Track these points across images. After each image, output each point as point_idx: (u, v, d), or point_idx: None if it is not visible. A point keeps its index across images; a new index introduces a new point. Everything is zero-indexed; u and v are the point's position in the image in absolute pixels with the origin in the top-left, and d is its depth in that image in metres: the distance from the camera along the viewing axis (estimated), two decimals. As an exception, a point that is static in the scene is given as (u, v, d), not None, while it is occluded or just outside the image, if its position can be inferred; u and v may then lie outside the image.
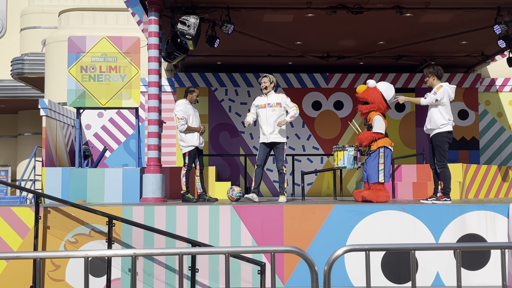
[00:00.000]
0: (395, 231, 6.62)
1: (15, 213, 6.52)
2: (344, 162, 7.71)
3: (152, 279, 6.46)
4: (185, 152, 8.14)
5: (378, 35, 10.35)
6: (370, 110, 7.64)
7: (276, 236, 6.59)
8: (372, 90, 7.63)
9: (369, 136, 7.59)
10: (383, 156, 7.54)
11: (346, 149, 7.72)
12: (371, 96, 7.59)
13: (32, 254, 3.08)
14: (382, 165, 7.53)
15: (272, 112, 7.78)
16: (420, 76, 12.59)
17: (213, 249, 3.35)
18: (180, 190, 8.24)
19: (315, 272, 3.14)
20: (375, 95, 7.59)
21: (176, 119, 8.06)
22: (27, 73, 14.94)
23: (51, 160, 10.01)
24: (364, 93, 7.68)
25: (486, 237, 6.65)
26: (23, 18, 16.77)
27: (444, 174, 7.27)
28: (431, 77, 7.34)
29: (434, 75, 7.33)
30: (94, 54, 8.49)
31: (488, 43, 10.54)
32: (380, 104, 7.58)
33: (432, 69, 7.35)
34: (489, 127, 12.85)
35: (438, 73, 7.35)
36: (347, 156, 7.69)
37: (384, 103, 7.61)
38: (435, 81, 7.34)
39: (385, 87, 7.66)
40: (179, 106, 8.14)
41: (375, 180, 7.52)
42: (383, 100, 7.60)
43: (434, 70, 7.34)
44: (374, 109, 7.61)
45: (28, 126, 17.99)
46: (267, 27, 9.76)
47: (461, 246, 3.21)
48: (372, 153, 7.60)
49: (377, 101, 7.56)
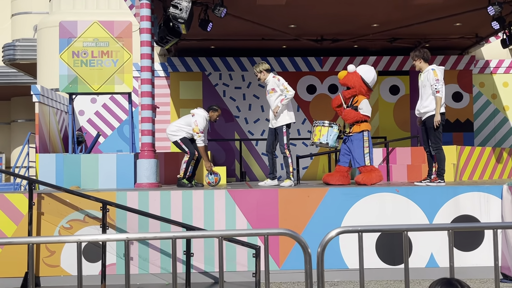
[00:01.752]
0: (389, 213, 6.65)
1: (9, 200, 6.50)
2: (327, 138, 7.53)
3: (148, 264, 6.48)
4: (177, 141, 8.14)
5: (372, 17, 10.29)
6: (352, 94, 7.65)
7: (271, 220, 6.61)
8: (352, 75, 7.64)
9: (355, 116, 7.54)
10: (367, 139, 7.57)
11: (331, 126, 7.60)
12: (351, 80, 7.61)
13: (25, 240, 3.07)
14: (367, 149, 7.57)
15: (270, 98, 7.84)
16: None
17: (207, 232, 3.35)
18: (176, 175, 8.24)
19: (309, 254, 3.15)
20: (355, 79, 7.60)
21: (196, 130, 8.01)
22: (19, 59, 14.80)
23: (44, 146, 9.96)
24: (344, 78, 7.71)
25: (480, 218, 6.69)
26: (14, 3, 16.57)
27: (438, 156, 7.28)
28: (418, 60, 7.35)
29: (420, 58, 7.33)
30: (86, 39, 8.41)
31: (482, 24, 10.50)
32: (360, 88, 7.60)
33: (418, 53, 7.35)
34: (483, 109, 12.86)
35: (425, 56, 7.34)
36: (331, 133, 7.56)
37: (364, 86, 7.62)
38: (422, 64, 7.34)
39: (364, 70, 7.67)
40: (202, 119, 8.09)
41: (361, 164, 7.53)
42: (363, 83, 7.61)
43: (420, 53, 7.33)
44: (356, 93, 7.62)
45: (21, 113, 17.89)
46: (260, 10, 9.68)
47: (453, 226, 3.22)
48: (353, 135, 7.57)
49: (357, 85, 7.59)
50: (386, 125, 12.50)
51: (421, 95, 7.32)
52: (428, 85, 7.18)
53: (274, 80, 7.83)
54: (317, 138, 7.61)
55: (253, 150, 12.30)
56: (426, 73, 7.26)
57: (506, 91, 12.87)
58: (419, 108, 7.34)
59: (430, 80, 7.15)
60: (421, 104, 7.31)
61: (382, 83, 12.58)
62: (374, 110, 12.48)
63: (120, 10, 12.92)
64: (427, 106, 7.22)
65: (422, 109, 7.28)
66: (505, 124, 12.85)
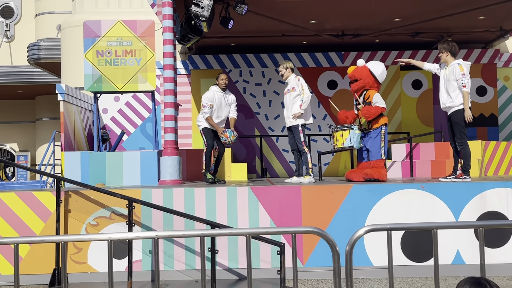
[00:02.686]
0: (414, 210, 6.60)
1: (37, 198, 6.61)
2: (350, 141, 7.56)
3: (173, 260, 6.54)
4: (200, 131, 8.28)
5: (393, 12, 10.19)
6: (359, 86, 7.68)
7: (295, 217, 6.61)
8: (360, 68, 7.74)
9: (375, 110, 7.51)
10: (384, 133, 7.61)
11: (352, 128, 7.59)
12: (358, 73, 7.70)
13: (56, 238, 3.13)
14: (383, 142, 7.60)
15: (289, 97, 7.91)
16: (437, 52, 12.38)
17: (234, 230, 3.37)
18: (201, 170, 8.34)
19: (337, 253, 3.15)
20: (363, 71, 7.68)
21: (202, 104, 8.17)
22: (43, 59, 15.02)
23: (69, 144, 10.11)
24: (353, 72, 7.80)
25: (506, 214, 6.61)
26: (37, 3, 16.81)
27: (464, 152, 7.21)
28: (445, 53, 7.25)
29: (448, 51, 7.24)
30: (110, 38, 8.50)
31: (506, 17, 10.34)
32: (367, 78, 7.63)
33: (446, 45, 7.25)
34: (508, 103, 12.67)
35: (453, 50, 7.24)
36: (354, 135, 7.56)
37: (371, 77, 7.65)
38: (449, 57, 7.24)
39: (373, 64, 7.77)
40: (208, 93, 8.22)
41: (378, 157, 7.54)
42: (370, 75, 7.65)
43: (448, 46, 7.24)
44: (363, 84, 7.65)
45: (46, 111, 18.17)
46: (281, 7, 9.67)
47: (483, 224, 3.19)
48: (373, 131, 7.59)
49: (364, 75, 7.64)
50: (409, 120, 12.39)
51: (446, 89, 7.23)
52: (453, 79, 7.09)
53: (296, 80, 7.89)
54: (341, 143, 7.63)
55: (274, 146, 12.30)
56: (451, 67, 7.17)
57: (531, 85, 12.66)
58: (445, 102, 7.24)
59: (456, 74, 7.06)
60: (447, 99, 7.22)
61: (404, 78, 12.47)
62: (396, 105, 12.40)
63: (142, 8, 13.02)
64: (453, 101, 7.14)
65: (448, 103, 7.18)
66: (531, 118, 12.65)
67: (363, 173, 7.53)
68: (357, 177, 7.60)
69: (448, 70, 7.21)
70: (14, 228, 6.55)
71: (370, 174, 7.45)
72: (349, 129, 7.58)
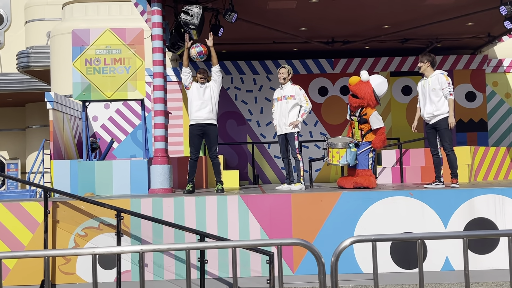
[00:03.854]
0: (403, 217, 6.62)
1: (25, 208, 6.57)
2: (346, 159, 7.56)
3: (162, 270, 6.52)
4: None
5: (383, 19, 10.25)
6: (360, 105, 7.61)
7: (285, 225, 6.61)
8: (364, 85, 7.59)
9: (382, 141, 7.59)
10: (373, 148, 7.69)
11: (349, 147, 7.57)
12: (362, 91, 7.56)
13: (40, 253, 3.11)
14: (372, 153, 7.64)
15: (286, 104, 7.80)
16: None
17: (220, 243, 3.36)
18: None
19: (322, 264, 3.15)
20: (367, 91, 7.55)
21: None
22: (32, 66, 14.95)
23: (59, 153, 10.06)
24: (356, 86, 7.63)
25: (495, 221, 6.64)
26: (27, 10, 16.76)
27: (453, 158, 7.32)
28: (426, 64, 7.41)
29: (429, 62, 7.42)
30: (98, 47, 8.48)
31: (494, 23, 10.42)
32: (370, 101, 7.57)
33: (428, 57, 7.44)
34: (497, 108, 12.75)
35: (433, 61, 7.46)
36: (350, 153, 7.55)
37: (374, 99, 7.60)
38: (429, 68, 7.42)
39: (377, 83, 7.62)
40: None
41: (365, 167, 7.57)
42: (373, 97, 7.58)
43: (430, 58, 7.44)
44: (363, 104, 7.59)
45: (36, 119, 18.08)
46: (271, 14, 9.69)
47: (468, 234, 3.20)
48: (364, 143, 7.66)
49: (368, 98, 7.55)
50: (399, 126, 12.44)
51: (430, 99, 7.32)
52: (439, 88, 7.25)
53: (295, 88, 7.83)
54: (336, 160, 7.58)
55: (266, 153, 12.31)
56: (434, 77, 7.33)
57: (520, 90, 12.76)
58: (433, 112, 7.30)
59: (442, 83, 7.25)
60: (434, 108, 7.29)
61: (394, 84, 12.52)
62: (386, 111, 12.45)
63: (131, 16, 13.01)
64: (439, 109, 7.24)
65: (436, 112, 7.27)
66: (520, 123, 12.73)
67: (352, 181, 7.54)
68: (348, 184, 7.62)
69: (430, 80, 7.36)
70: (2, 239, 6.50)
71: (360, 182, 7.47)
72: (346, 147, 7.56)
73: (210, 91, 7.81)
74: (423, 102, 7.43)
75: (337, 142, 7.68)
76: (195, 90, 7.79)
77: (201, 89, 7.78)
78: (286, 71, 7.85)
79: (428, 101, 7.34)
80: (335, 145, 7.61)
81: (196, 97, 7.76)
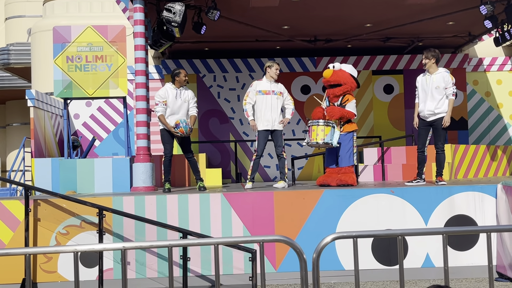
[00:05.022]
0: (384, 214, 6.68)
1: (5, 206, 6.50)
2: (331, 138, 7.39)
3: (145, 268, 6.50)
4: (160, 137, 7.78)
5: (365, 17, 10.32)
6: (344, 91, 7.66)
7: (267, 222, 6.63)
8: (341, 72, 7.69)
9: (338, 110, 7.52)
10: (356, 139, 7.68)
11: (334, 126, 7.45)
12: (342, 77, 7.65)
13: (21, 251, 3.08)
14: (355, 148, 7.65)
15: (277, 100, 7.83)
16: (408, 57, 12.59)
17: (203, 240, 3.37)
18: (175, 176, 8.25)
19: (304, 260, 3.17)
20: (346, 75, 7.68)
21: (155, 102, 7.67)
22: (13, 64, 14.77)
23: (40, 151, 9.96)
24: (333, 76, 7.66)
25: (474, 218, 6.74)
26: (7, 7, 16.54)
27: (443, 157, 7.41)
28: (432, 60, 7.32)
29: (434, 58, 7.33)
30: (80, 44, 8.41)
31: (475, 23, 10.55)
32: (352, 84, 7.71)
33: (434, 53, 7.35)
34: (477, 107, 12.92)
35: (438, 58, 7.39)
36: (335, 133, 7.43)
37: (354, 82, 7.76)
38: (434, 65, 7.34)
39: (349, 68, 7.82)
40: (159, 90, 7.71)
41: (349, 163, 7.57)
42: (353, 79, 7.74)
43: (436, 54, 7.35)
44: (347, 89, 7.67)
45: (17, 116, 17.86)
46: (253, 12, 9.70)
47: (447, 230, 3.25)
48: (343, 135, 7.60)
49: (349, 81, 7.68)
50: (381, 124, 12.54)
51: (432, 96, 7.26)
52: (443, 87, 7.22)
53: (281, 85, 7.95)
54: (321, 137, 7.34)
55: (248, 151, 12.31)
56: (439, 75, 7.28)
57: (499, 89, 12.93)
58: (433, 109, 7.28)
59: (447, 82, 7.22)
60: (435, 105, 7.26)
61: (376, 82, 12.62)
62: (368, 109, 12.54)
63: (113, 13, 12.91)
64: (440, 108, 7.26)
65: (438, 110, 7.28)
66: (499, 122, 12.91)
67: (336, 179, 7.52)
68: (332, 182, 7.54)
69: (435, 77, 7.28)
70: (-18, 237, 6.42)
71: (344, 180, 7.45)
72: (331, 126, 7.42)
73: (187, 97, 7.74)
74: (423, 98, 7.34)
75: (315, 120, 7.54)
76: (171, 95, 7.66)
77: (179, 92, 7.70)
78: (278, 67, 7.97)
79: (430, 97, 7.27)
80: (320, 122, 7.42)
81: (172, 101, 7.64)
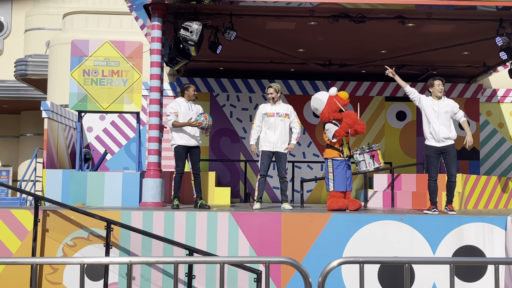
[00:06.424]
0: (392, 242, 6.63)
1: (14, 216, 6.55)
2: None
3: (150, 284, 6.48)
4: (173, 150, 7.96)
5: (380, 44, 10.38)
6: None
7: (274, 243, 6.61)
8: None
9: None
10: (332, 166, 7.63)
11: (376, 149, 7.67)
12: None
13: (28, 260, 3.11)
14: (330, 174, 7.62)
15: (281, 122, 7.91)
16: (421, 85, 12.58)
17: (209, 258, 3.37)
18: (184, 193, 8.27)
19: (309, 284, 3.16)
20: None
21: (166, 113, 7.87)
22: (30, 75, 14.98)
23: (52, 162, 10.05)
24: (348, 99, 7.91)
25: (483, 249, 6.66)
26: (27, 19, 16.84)
27: (455, 185, 7.47)
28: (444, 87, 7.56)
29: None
30: (97, 58, 8.53)
31: (490, 54, 10.56)
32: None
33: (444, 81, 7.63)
34: (490, 138, 12.86)
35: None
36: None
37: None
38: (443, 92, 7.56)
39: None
40: (171, 103, 7.95)
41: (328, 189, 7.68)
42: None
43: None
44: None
45: (31, 127, 18.04)
46: (269, 34, 9.80)
47: (455, 260, 3.23)
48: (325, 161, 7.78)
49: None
50: (392, 150, 12.50)
51: (443, 121, 7.33)
52: (451, 113, 7.38)
53: (289, 107, 8.01)
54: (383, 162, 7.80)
55: (258, 171, 12.30)
56: (448, 101, 7.46)
57: (513, 120, 12.88)
58: (448, 134, 7.32)
59: (455, 108, 7.42)
60: (448, 131, 7.34)
61: (389, 109, 12.62)
62: (380, 135, 12.52)
63: (132, 29, 13.09)
64: (451, 132, 7.37)
65: (452, 135, 7.36)
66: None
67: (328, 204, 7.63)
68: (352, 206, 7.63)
69: (443, 103, 7.41)
70: (-10, 245, 6.46)
71: (331, 206, 7.51)
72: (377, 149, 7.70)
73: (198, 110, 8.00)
74: (433, 119, 7.33)
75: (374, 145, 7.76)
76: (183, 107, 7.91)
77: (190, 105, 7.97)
78: (274, 90, 8.00)
79: (442, 122, 7.33)
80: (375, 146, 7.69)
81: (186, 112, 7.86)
